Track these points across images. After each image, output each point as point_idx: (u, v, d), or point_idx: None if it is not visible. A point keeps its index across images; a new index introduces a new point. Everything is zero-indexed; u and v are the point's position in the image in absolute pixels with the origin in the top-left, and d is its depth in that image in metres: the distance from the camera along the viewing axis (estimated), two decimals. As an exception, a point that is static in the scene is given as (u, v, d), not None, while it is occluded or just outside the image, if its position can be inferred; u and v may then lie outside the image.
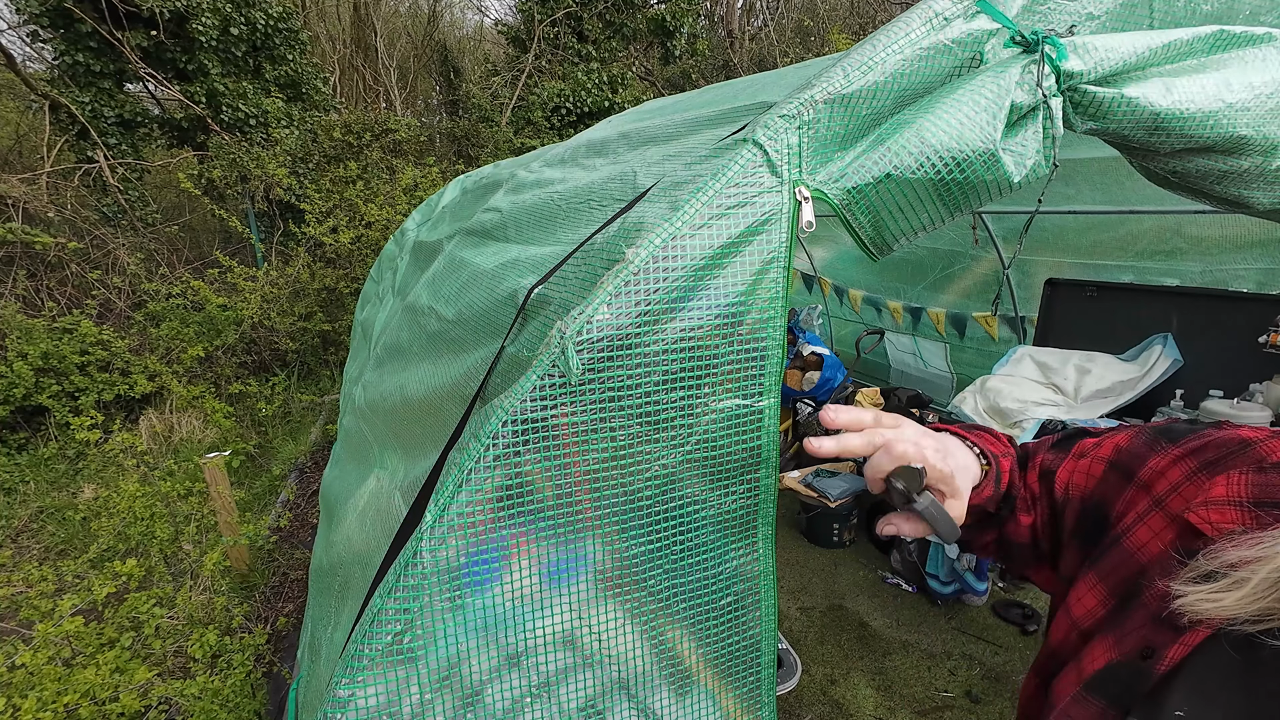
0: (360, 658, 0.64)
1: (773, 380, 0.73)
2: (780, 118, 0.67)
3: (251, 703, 2.40)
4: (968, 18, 0.71)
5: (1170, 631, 0.57)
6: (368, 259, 5.82)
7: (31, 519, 4.36)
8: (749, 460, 0.76)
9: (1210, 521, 0.60)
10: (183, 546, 3.29)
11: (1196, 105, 0.73)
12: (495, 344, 0.90)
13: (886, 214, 0.73)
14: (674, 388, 0.68)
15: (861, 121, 0.71)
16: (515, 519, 0.66)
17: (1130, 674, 0.59)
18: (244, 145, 7.19)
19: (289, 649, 3.08)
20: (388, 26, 13.07)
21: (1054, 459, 0.77)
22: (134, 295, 6.00)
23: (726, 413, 0.72)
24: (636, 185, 0.95)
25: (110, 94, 7.02)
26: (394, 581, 0.64)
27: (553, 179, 1.53)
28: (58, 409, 4.61)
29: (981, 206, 0.75)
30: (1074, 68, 0.70)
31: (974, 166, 0.69)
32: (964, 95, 0.69)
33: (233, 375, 5.62)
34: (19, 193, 5.77)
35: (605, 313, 0.61)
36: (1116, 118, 0.72)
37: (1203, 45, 0.75)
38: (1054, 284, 3.72)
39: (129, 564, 2.45)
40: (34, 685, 2.04)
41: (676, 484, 0.75)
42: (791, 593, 3.30)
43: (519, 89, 10.11)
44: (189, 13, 6.82)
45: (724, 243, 0.65)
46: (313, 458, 5.12)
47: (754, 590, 0.83)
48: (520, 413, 0.61)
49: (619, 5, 10.27)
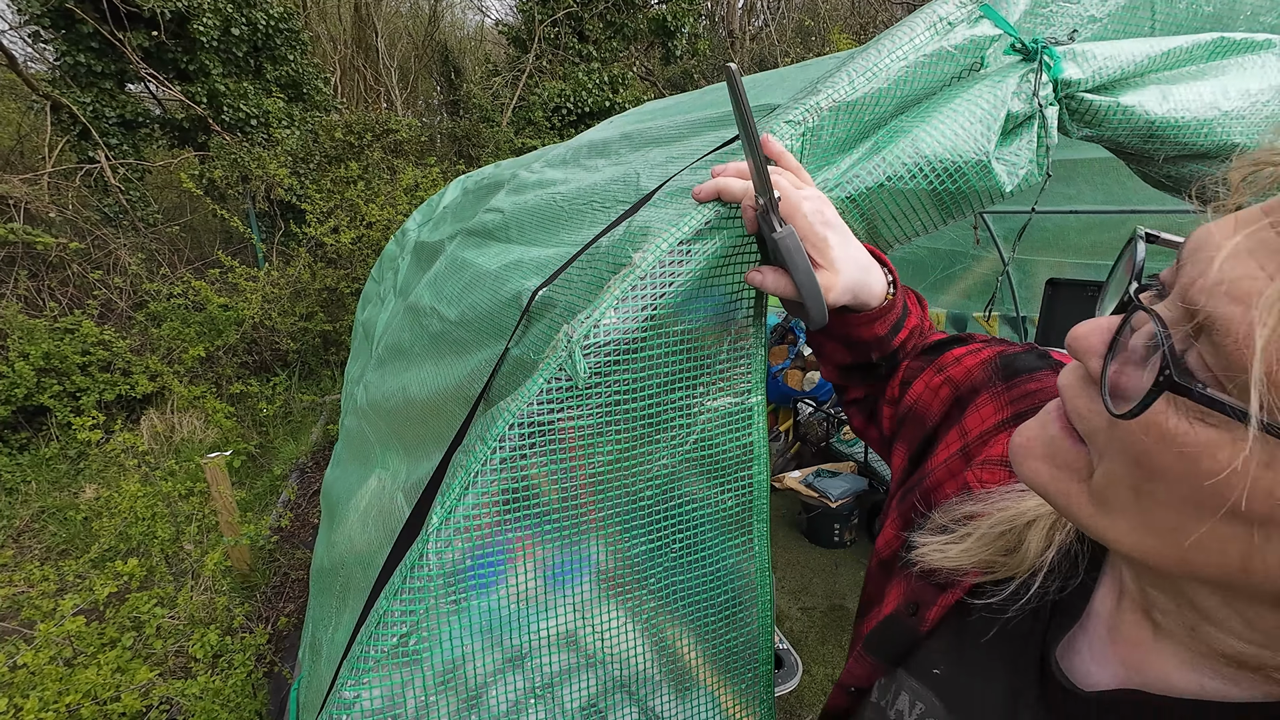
0: (366, 659, 0.64)
1: (759, 378, 0.74)
2: (785, 123, 0.67)
3: (252, 703, 2.41)
4: (971, 23, 0.72)
5: (933, 589, 0.57)
6: (369, 259, 5.82)
7: (33, 519, 4.37)
8: (743, 457, 0.77)
9: (982, 481, 0.59)
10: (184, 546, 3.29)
11: (1192, 113, 0.74)
12: (498, 345, 0.90)
13: (880, 221, 0.74)
14: (674, 389, 0.69)
15: (863, 127, 0.72)
16: (520, 521, 0.66)
17: (899, 632, 0.60)
18: (245, 145, 7.20)
19: (290, 649, 3.09)
20: (389, 27, 13.07)
21: (916, 367, 0.74)
22: (135, 295, 6.00)
23: (721, 411, 0.73)
24: (640, 187, 0.96)
25: (111, 94, 7.02)
26: (399, 584, 0.64)
27: (555, 180, 1.53)
28: (59, 409, 4.61)
29: (974, 212, 0.76)
30: (1072, 76, 0.71)
31: (967, 176, 0.69)
32: (960, 105, 0.70)
33: (234, 375, 5.62)
34: (20, 193, 5.77)
35: (612, 317, 0.62)
36: (1112, 125, 0.73)
37: (1202, 52, 0.76)
38: (1055, 284, 3.72)
39: (130, 564, 2.45)
40: (36, 685, 2.05)
41: (676, 483, 0.75)
42: (792, 593, 3.30)
43: (520, 89, 10.12)
44: (190, 13, 6.82)
45: (726, 247, 0.65)
46: (314, 458, 5.12)
47: (750, 587, 0.84)
48: (527, 416, 0.62)
49: (620, 5, 10.27)
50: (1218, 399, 0.31)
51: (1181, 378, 0.32)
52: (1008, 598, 0.50)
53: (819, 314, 0.61)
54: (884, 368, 0.76)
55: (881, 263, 0.70)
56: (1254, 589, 0.35)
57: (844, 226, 0.64)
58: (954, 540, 0.55)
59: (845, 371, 0.80)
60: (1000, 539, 0.52)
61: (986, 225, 4.09)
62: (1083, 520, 0.40)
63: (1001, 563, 0.52)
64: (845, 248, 0.63)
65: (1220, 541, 0.33)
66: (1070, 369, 0.42)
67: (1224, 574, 0.35)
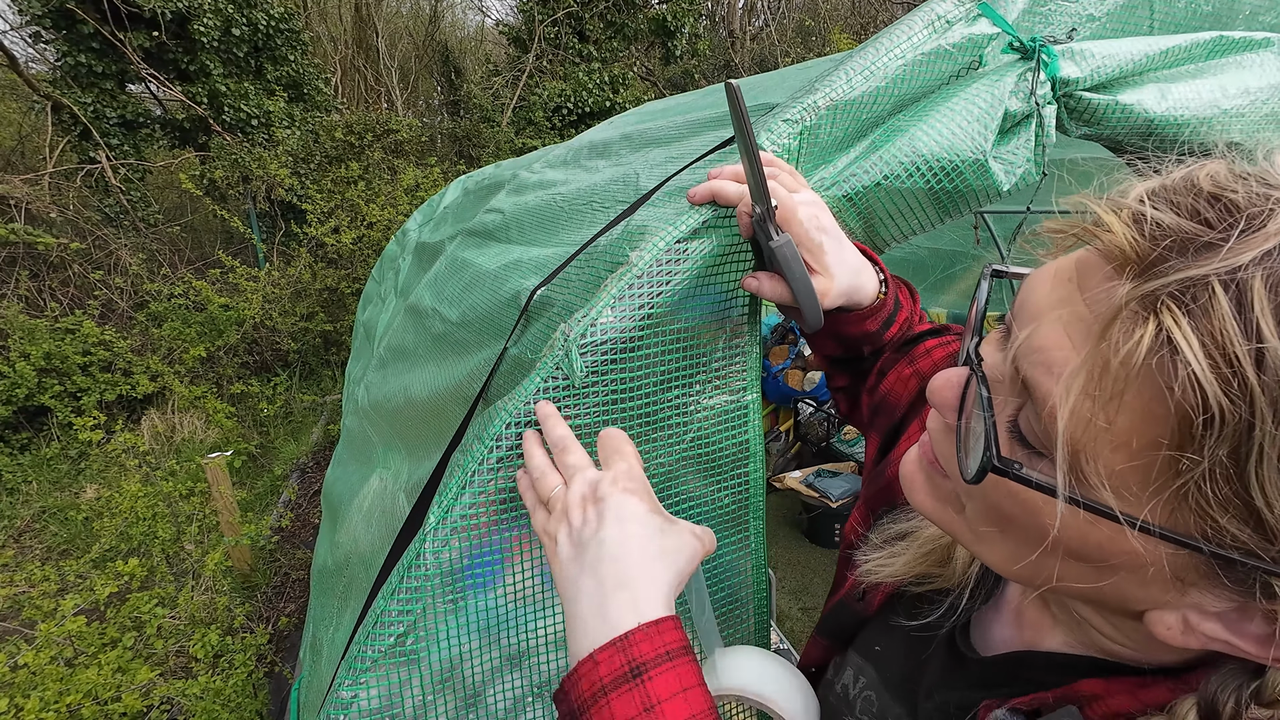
0: (363, 659, 0.64)
1: (753, 376, 0.75)
2: (783, 122, 0.67)
3: (253, 703, 2.41)
4: (969, 21, 0.72)
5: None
6: (369, 259, 5.82)
7: (34, 519, 4.37)
8: (739, 455, 0.77)
9: None
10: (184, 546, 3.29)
11: (1191, 111, 0.74)
12: (498, 345, 0.90)
13: (877, 220, 0.74)
14: (671, 387, 0.69)
15: (860, 125, 0.72)
16: (518, 520, 0.66)
17: (847, 615, 0.65)
18: (246, 146, 7.20)
19: (291, 649, 3.09)
20: (389, 27, 13.08)
21: (892, 359, 0.75)
22: (136, 295, 6.00)
23: (717, 409, 0.73)
24: (639, 187, 0.96)
25: (112, 95, 7.02)
26: (397, 583, 0.64)
27: (555, 180, 1.53)
28: (60, 409, 4.61)
29: (971, 211, 0.76)
30: (1070, 75, 0.71)
31: (964, 175, 0.69)
32: (958, 104, 0.70)
33: (234, 375, 5.63)
34: (21, 193, 5.78)
35: (609, 315, 0.62)
36: (1110, 123, 0.73)
37: (1201, 50, 0.76)
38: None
39: (131, 564, 2.45)
40: (37, 685, 2.05)
41: (673, 482, 0.75)
42: (793, 593, 3.30)
43: (520, 89, 10.12)
44: (191, 14, 6.82)
45: (723, 246, 0.65)
46: (314, 458, 5.12)
47: (747, 584, 0.84)
48: (524, 415, 0.62)
49: (620, 5, 10.27)
50: (1030, 479, 0.33)
51: (1002, 459, 0.34)
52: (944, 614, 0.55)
53: (815, 318, 0.62)
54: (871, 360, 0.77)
55: (873, 262, 0.71)
56: (1115, 605, 0.38)
57: (839, 231, 0.65)
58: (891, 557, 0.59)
59: (834, 361, 0.81)
60: (932, 555, 0.56)
61: (987, 225, 4.09)
62: (966, 545, 0.44)
63: (937, 573, 0.56)
64: (840, 252, 0.64)
65: (1073, 575, 0.36)
66: (933, 415, 0.44)
67: (1085, 595, 0.38)
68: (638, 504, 0.51)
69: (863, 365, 0.78)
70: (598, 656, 0.45)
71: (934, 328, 0.76)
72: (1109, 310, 0.31)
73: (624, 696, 0.43)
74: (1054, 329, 0.34)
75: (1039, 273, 0.38)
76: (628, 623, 0.45)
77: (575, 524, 0.50)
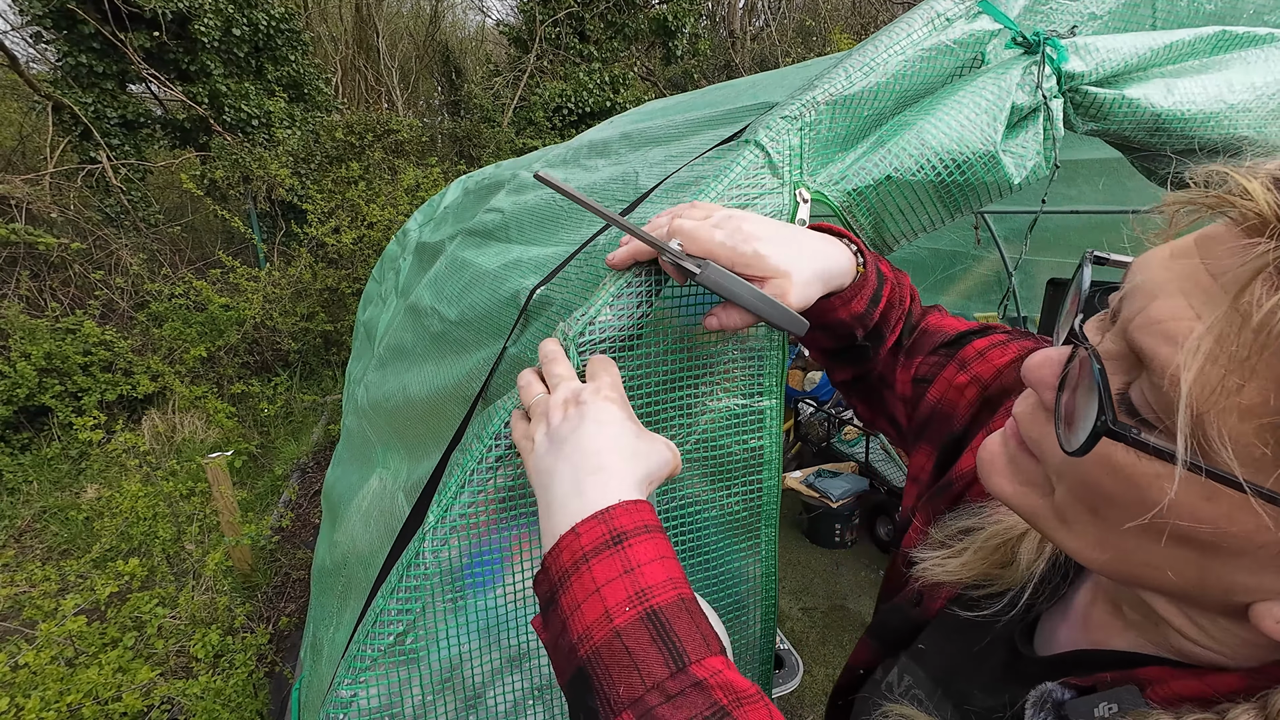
0: (363, 658, 0.64)
1: (773, 381, 0.72)
2: (782, 119, 0.67)
3: (254, 702, 2.41)
4: (969, 18, 0.71)
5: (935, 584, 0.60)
6: (370, 259, 5.82)
7: (35, 519, 4.37)
8: (751, 461, 0.76)
9: None
10: (185, 546, 3.30)
11: (1198, 106, 0.73)
12: (497, 345, 0.90)
13: (887, 215, 0.73)
14: (674, 387, 0.69)
15: (863, 122, 0.71)
16: (518, 520, 0.66)
17: (900, 620, 0.63)
18: (246, 146, 7.20)
19: (291, 649, 3.09)
20: (390, 27, 13.08)
21: (933, 365, 0.71)
22: (137, 295, 6.00)
23: (725, 412, 0.72)
24: (639, 186, 0.96)
25: (113, 95, 7.03)
26: (396, 582, 0.64)
27: (555, 180, 1.53)
28: (61, 409, 4.62)
29: (982, 207, 0.75)
30: (1075, 69, 0.70)
31: (974, 168, 0.68)
32: (965, 97, 0.69)
33: (235, 375, 5.63)
34: (22, 193, 5.78)
35: (608, 314, 0.61)
36: (1117, 118, 0.72)
37: (1205, 46, 0.75)
38: (1056, 284, 3.71)
39: (131, 564, 2.45)
40: (37, 685, 2.05)
41: (677, 484, 0.75)
42: (793, 593, 3.30)
43: (521, 89, 10.12)
44: (191, 14, 6.83)
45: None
46: (315, 458, 5.12)
47: (755, 590, 0.83)
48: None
49: (620, 5, 10.27)
50: (1148, 443, 0.32)
51: (1118, 422, 0.33)
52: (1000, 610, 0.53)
53: (791, 324, 0.58)
54: (871, 347, 0.73)
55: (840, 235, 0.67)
56: (1209, 602, 0.36)
57: (775, 225, 0.60)
58: (952, 555, 0.57)
59: (831, 354, 0.78)
60: (995, 552, 0.54)
61: (988, 225, 4.08)
62: (1047, 533, 0.42)
63: (997, 575, 0.54)
64: (786, 245, 0.59)
65: (1172, 561, 0.35)
66: (1025, 396, 0.43)
67: (1178, 589, 0.36)
68: (617, 410, 0.53)
69: (862, 353, 0.74)
70: (579, 528, 0.47)
71: (978, 327, 0.72)
72: (1248, 271, 0.30)
73: (605, 561, 0.45)
74: (1174, 300, 0.33)
75: (1151, 253, 0.37)
76: (608, 499, 0.48)
77: (554, 422, 0.52)
